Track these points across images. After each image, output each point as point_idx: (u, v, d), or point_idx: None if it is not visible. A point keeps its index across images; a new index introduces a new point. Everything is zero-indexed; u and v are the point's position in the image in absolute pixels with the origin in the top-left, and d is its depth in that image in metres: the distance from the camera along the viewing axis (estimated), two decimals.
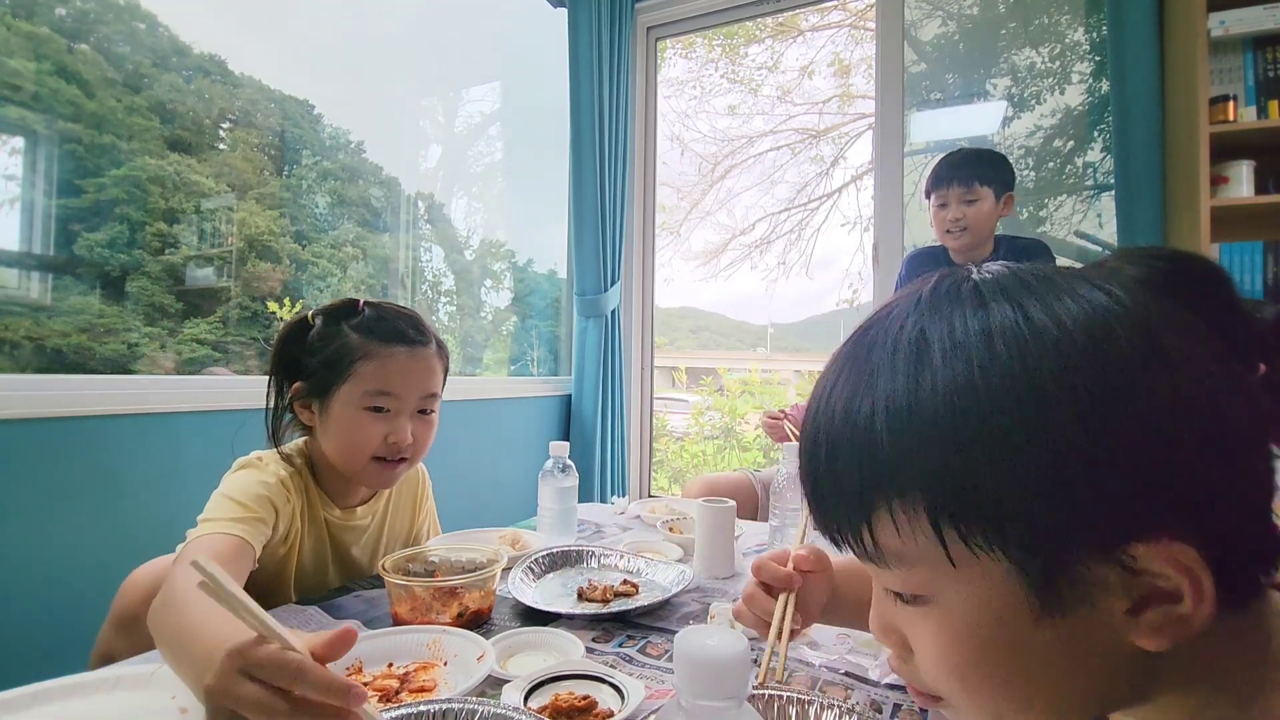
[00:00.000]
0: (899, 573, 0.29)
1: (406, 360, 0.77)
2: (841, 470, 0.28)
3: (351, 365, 0.75)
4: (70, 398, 1.02)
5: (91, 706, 0.51)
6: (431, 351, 0.80)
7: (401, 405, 0.77)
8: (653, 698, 0.53)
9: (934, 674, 0.29)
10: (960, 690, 0.29)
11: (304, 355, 0.78)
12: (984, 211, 1.42)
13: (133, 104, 1.36)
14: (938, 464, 0.25)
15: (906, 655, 0.31)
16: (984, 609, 0.26)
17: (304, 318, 0.80)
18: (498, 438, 1.94)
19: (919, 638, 0.30)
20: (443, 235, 2.29)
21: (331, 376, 0.76)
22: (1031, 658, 0.26)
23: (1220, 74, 1.47)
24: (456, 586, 0.67)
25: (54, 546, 1.00)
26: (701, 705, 0.31)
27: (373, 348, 0.76)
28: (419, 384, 0.79)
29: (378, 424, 0.76)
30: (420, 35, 2.13)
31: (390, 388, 0.76)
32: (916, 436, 0.26)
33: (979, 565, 0.26)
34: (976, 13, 2.01)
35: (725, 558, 0.88)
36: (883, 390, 0.27)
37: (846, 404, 0.28)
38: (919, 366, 0.26)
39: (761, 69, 3.68)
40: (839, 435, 0.28)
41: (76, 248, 1.28)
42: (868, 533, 0.28)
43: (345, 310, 0.79)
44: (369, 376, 0.75)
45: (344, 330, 0.77)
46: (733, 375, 3.83)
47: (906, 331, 0.28)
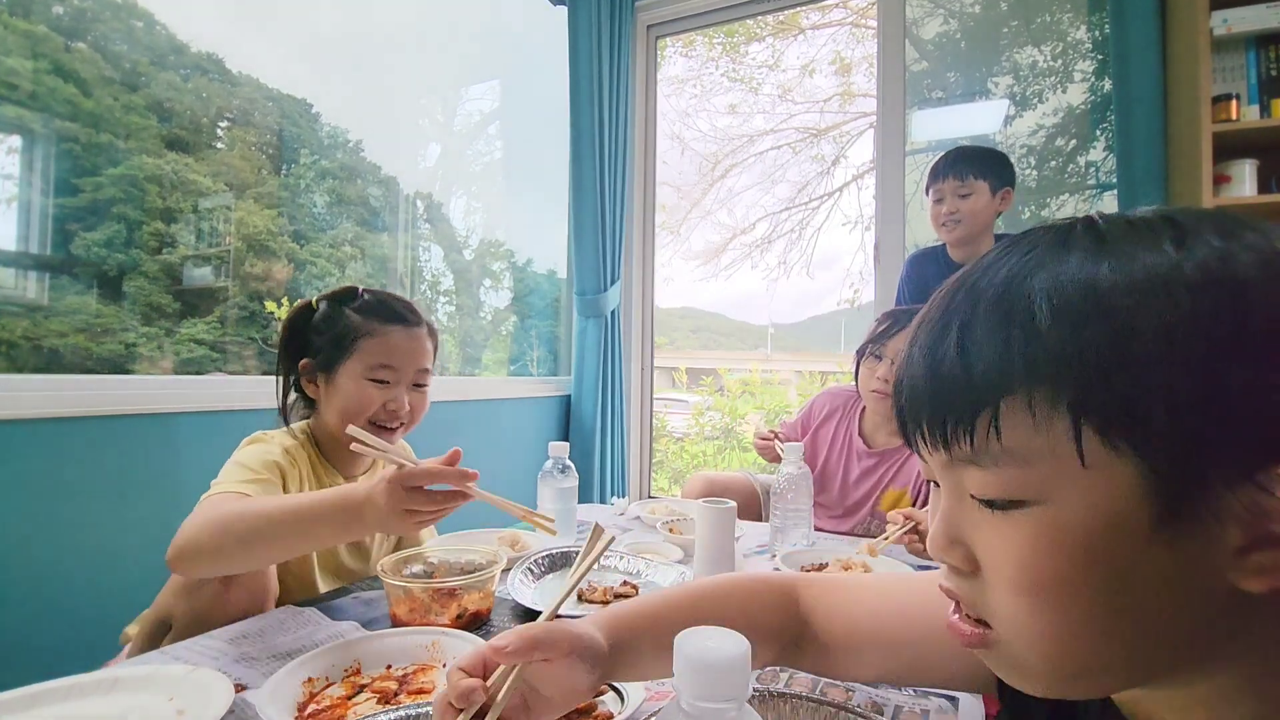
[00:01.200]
0: (1007, 472, 0.27)
1: (404, 338, 0.87)
2: (978, 352, 0.27)
3: (355, 342, 0.85)
4: (69, 398, 1.02)
5: (90, 707, 0.50)
6: (424, 332, 0.90)
7: (399, 377, 0.86)
8: (653, 699, 0.52)
9: (1010, 586, 0.28)
10: (1033, 608, 0.27)
11: (310, 335, 0.88)
12: (978, 205, 1.42)
13: (130, 103, 1.36)
14: (1095, 354, 0.24)
15: (968, 572, 0.30)
16: (1100, 514, 0.25)
17: (308, 303, 0.90)
18: (497, 438, 1.94)
19: (1000, 547, 0.28)
20: (442, 235, 2.29)
21: (337, 352, 0.85)
22: (1131, 577, 0.25)
23: (1223, 73, 1.47)
24: (455, 588, 0.67)
25: (54, 547, 0.99)
26: (702, 707, 0.31)
27: (374, 326, 0.86)
28: (414, 359, 0.88)
29: (379, 393, 0.85)
30: (419, 34, 2.13)
31: (390, 361, 0.85)
32: (1080, 322, 0.25)
33: (1109, 468, 0.25)
34: (978, 11, 2.00)
35: (725, 559, 0.88)
36: (1051, 269, 0.26)
37: (1006, 279, 0.27)
38: (1096, 252, 0.26)
39: (762, 67, 3.67)
40: (983, 313, 0.27)
41: (74, 247, 1.28)
42: (990, 424, 0.27)
43: (347, 295, 0.89)
44: (371, 351, 0.85)
45: (346, 313, 0.87)
46: (733, 375, 3.83)
47: (1080, 222, 0.27)
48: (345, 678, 0.56)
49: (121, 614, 1.07)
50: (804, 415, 1.41)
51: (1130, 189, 1.55)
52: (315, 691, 0.54)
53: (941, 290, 0.31)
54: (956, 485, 0.30)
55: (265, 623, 0.67)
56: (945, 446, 0.29)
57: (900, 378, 0.31)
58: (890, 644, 0.45)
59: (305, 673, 0.55)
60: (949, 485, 0.31)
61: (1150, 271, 0.25)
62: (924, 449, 0.31)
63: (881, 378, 1.21)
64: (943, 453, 0.29)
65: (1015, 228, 1.87)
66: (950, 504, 0.31)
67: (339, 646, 0.59)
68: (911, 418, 0.31)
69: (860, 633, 0.47)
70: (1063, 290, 0.26)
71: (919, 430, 0.30)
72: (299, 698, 0.53)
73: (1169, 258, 0.25)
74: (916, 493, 1.20)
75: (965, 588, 0.31)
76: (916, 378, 0.30)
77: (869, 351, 1.25)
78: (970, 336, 0.27)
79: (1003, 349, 0.26)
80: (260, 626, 0.66)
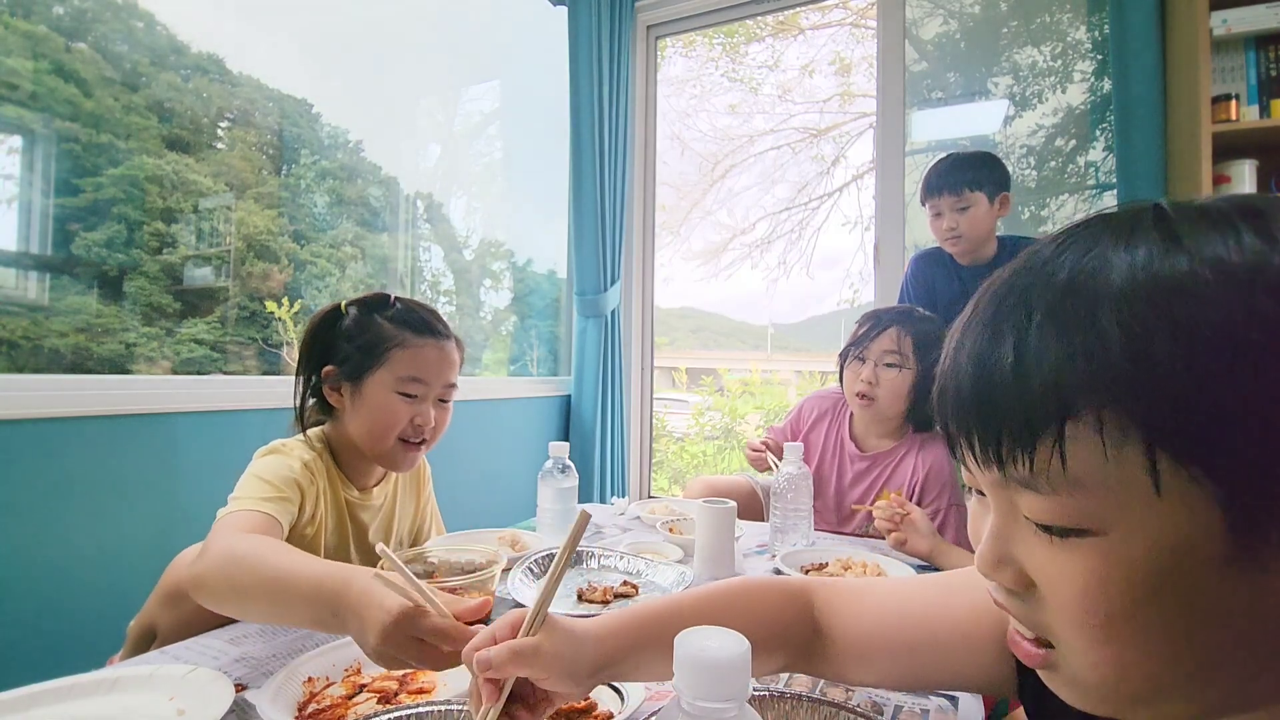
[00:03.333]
0: (1065, 499, 0.25)
1: (435, 351, 0.85)
2: (1037, 365, 0.24)
3: (386, 352, 0.82)
4: (69, 398, 1.02)
5: (90, 707, 0.50)
6: (453, 345, 0.89)
7: (428, 391, 0.84)
8: (653, 699, 0.52)
9: (1071, 617, 0.26)
10: (1096, 638, 0.26)
11: (338, 341, 0.84)
12: (978, 216, 1.41)
13: (130, 103, 1.36)
14: (1171, 371, 0.22)
15: (1023, 593, 0.29)
16: (1170, 546, 0.23)
17: (336, 306, 0.86)
18: (497, 438, 1.94)
19: (1059, 576, 0.26)
20: (442, 235, 2.29)
21: (366, 361, 0.82)
22: (1200, 609, 0.24)
23: (1222, 73, 1.47)
24: (456, 587, 0.67)
25: (54, 547, 0.99)
26: (702, 707, 0.31)
27: (406, 337, 0.83)
28: (443, 373, 0.86)
29: (406, 407, 0.83)
30: (419, 34, 2.13)
31: (421, 374, 0.83)
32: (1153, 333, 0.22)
33: (1183, 497, 0.23)
34: (978, 11, 2.00)
35: (725, 559, 0.88)
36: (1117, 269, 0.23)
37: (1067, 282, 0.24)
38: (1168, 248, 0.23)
39: (762, 68, 3.67)
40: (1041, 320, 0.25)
41: (74, 247, 1.28)
42: (1054, 448, 0.24)
43: (378, 302, 0.86)
44: (402, 363, 0.82)
45: (378, 321, 0.84)
46: (733, 375, 3.83)
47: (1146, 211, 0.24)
48: (345, 677, 0.56)
49: (121, 614, 1.07)
50: (793, 420, 1.39)
51: (1130, 189, 1.55)
52: (315, 691, 0.54)
53: (988, 288, 0.28)
54: (1008, 504, 0.28)
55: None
56: (999, 466, 0.27)
57: (944, 385, 0.29)
58: (907, 648, 0.44)
59: (305, 672, 0.55)
60: (999, 502, 0.29)
61: (1233, 272, 0.22)
62: (972, 463, 0.29)
63: (865, 380, 1.20)
64: (995, 471, 0.27)
65: (1015, 228, 1.87)
66: (1001, 522, 0.29)
67: (339, 646, 0.59)
68: (959, 429, 0.28)
69: (876, 637, 0.46)
70: (1132, 295, 0.23)
71: (968, 445, 0.28)
72: (299, 697, 0.53)
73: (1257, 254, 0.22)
74: (911, 496, 1.18)
75: (1019, 607, 0.29)
76: (964, 389, 0.27)
77: (852, 354, 1.24)
78: (1028, 347, 0.25)
79: (1066, 363, 0.24)
80: (260, 626, 0.66)
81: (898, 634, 0.45)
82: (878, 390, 1.18)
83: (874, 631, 0.46)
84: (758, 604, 0.47)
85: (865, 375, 1.19)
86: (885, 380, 1.18)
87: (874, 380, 1.19)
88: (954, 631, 0.42)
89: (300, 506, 0.76)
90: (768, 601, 0.47)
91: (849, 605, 0.47)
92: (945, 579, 0.46)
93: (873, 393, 1.19)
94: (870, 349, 1.20)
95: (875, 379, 1.19)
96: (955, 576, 0.45)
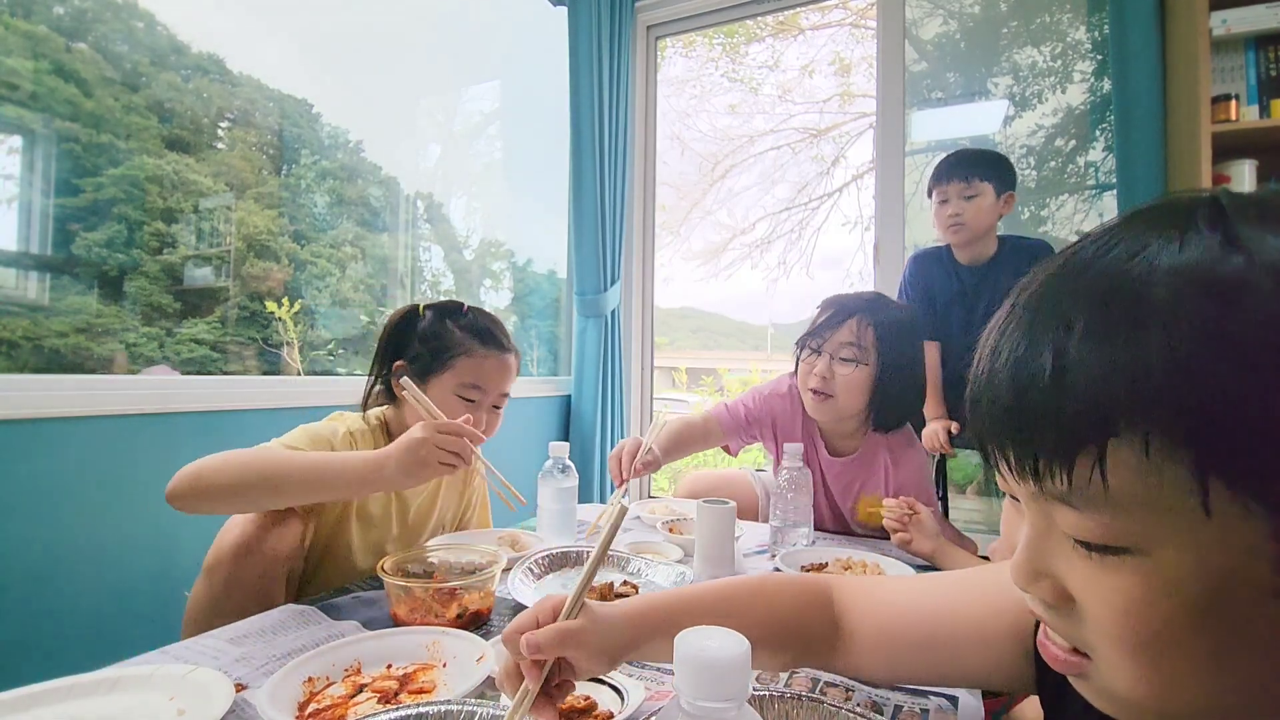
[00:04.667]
0: (1104, 517, 0.24)
1: (496, 362, 0.93)
2: (1078, 379, 0.23)
3: (453, 358, 0.90)
4: (69, 398, 1.02)
5: (90, 707, 0.50)
6: (513, 358, 0.96)
7: (484, 398, 0.93)
8: (653, 699, 0.52)
9: (1109, 636, 0.25)
10: (1137, 659, 0.25)
11: (412, 339, 0.92)
12: (983, 207, 1.43)
13: (131, 103, 1.36)
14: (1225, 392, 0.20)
15: (1061, 606, 0.28)
16: (1215, 570, 0.22)
17: (415, 308, 0.94)
18: (498, 437, 1.93)
19: (1098, 594, 0.25)
20: (442, 235, 2.29)
21: (434, 363, 0.90)
22: (1243, 634, 0.23)
23: (1222, 73, 1.47)
24: (456, 588, 0.67)
25: (54, 547, 0.99)
26: (702, 706, 0.31)
27: (473, 347, 0.91)
28: (501, 383, 0.94)
29: (463, 409, 0.89)
30: (420, 34, 2.13)
31: (481, 383, 0.91)
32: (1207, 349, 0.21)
33: (1232, 522, 0.22)
34: (978, 11, 2.00)
35: (725, 558, 0.88)
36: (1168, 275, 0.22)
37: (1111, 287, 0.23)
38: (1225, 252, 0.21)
39: (762, 68, 3.67)
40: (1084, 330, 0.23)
41: (74, 247, 1.28)
42: (1094, 466, 0.23)
43: (452, 310, 0.94)
44: (466, 371, 0.90)
45: (450, 327, 0.92)
46: (733, 375, 3.83)
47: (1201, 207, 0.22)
48: (346, 677, 0.56)
49: (121, 613, 1.07)
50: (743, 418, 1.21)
51: (1129, 189, 1.55)
52: (316, 691, 0.54)
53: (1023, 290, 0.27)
54: (1046, 517, 0.27)
55: (266, 622, 0.67)
56: (1035, 480, 0.26)
57: (978, 394, 0.28)
58: (924, 644, 0.45)
59: (306, 672, 0.55)
60: (1036, 515, 0.28)
61: None
62: (1007, 474, 0.28)
63: (819, 375, 1.07)
64: (1031, 484, 0.26)
65: (1014, 228, 1.87)
66: (1037, 534, 0.28)
67: (339, 646, 0.59)
68: (993, 442, 0.27)
69: (893, 632, 0.46)
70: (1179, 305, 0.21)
71: (1002, 457, 0.27)
72: (299, 697, 0.53)
73: None
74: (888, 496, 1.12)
75: (1056, 619, 0.28)
76: (1000, 400, 0.26)
77: (808, 344, 1.10)
78: (1068, 359, 0.24)
79: (1109, 379, 0.22)
80: (261, 626, 0.66)
81: (915, 629, 0.45)
82: (834, 386, 1.06)
83: (892, 627, 0.46)
84: (777, 598, 0.48)
85: (819, 370, 1.07)
86: (841, 376, 1.05)
87: (828, 375, 1.06)
88: (971, 628, 0.42)
89: None
90: (787, 595, 0.48)
91: (867, 601, 0.48)
92: (962, 577, 0.46)
93: (828, 388, 1.06)
94: (828, 340, 1.08)
95: (830, 373, 1.06)
96: (972, 575, 0.46)
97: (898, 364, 1.07)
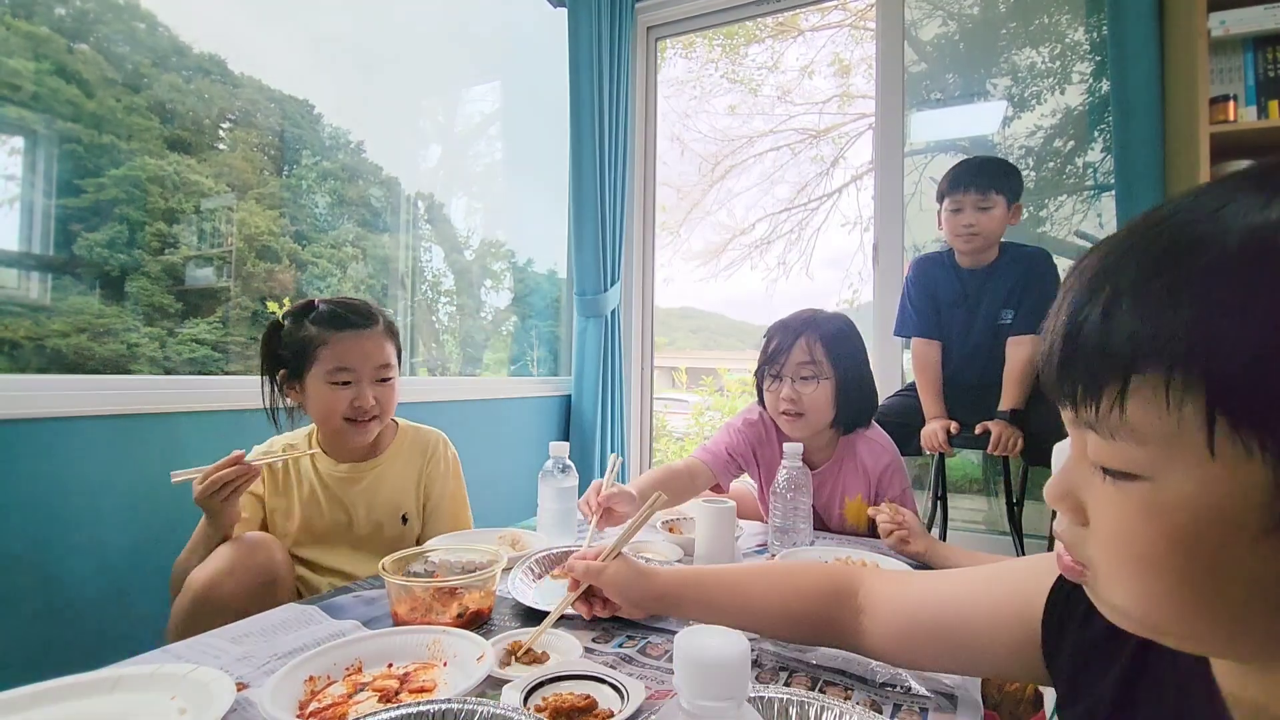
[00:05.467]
0: (1124, 446, 0.27)
1: (355, 341, 0.96)
2: (1119, 322, 0.26)
3: (314, 351, 0.95)
4: (70, 398, 1.02)
5: (91, 707, 0.51)
6: (379, 330, 0.99)
7: (359, 376, 0.96)
8: (653, 698, 0.52)
9: (1110, 549, 0.29)
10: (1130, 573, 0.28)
11: (281, 349, 0.97)
12: (996, 218, 1.46)
13: (132, 104, 1.36)
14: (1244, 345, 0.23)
15: (1078, 523, 0.31)
16: (1213, 508, 0.25)
17: (276, 321, 0.99)
18: (498, 438, 1.94)
19: (1107, 512, 0.29)
20: (443, 235, 2.29)
21: (302, 363, 0.95)
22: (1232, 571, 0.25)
23: (1220, 74, 1.47)
24: (456, 587, 0.67)
25: (55, 546, 1.00)
26: (702, 705, 0.31)
27: (328, 335, 0.95)
28: (370, 357, 0.97)
29: (343, 393, 0.95)
30: (420, 35, 2.13)
31: (346, 364, 0.95)
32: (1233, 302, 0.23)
33: (1234, 465, 0.24)
34: (977, 12, 2.00)
35: (725, 558, 0.88)
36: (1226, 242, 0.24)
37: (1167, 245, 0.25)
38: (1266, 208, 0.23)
39: (761, 69, 3.68)
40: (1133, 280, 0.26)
41: (76, 248, 1.28)
42: (1116, 398, 0.26)
43: (305, 310, 0.98)
44: (328, 358, 0.95)
45: (306, 325, 0.96)
46: (733, 375, 3.83)
47: None
48: (347, 676, 0.57)
49: (121, 614, 1.07)
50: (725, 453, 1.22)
51: (1128, 190, 1.56)
52: (317, 690, 0.54)
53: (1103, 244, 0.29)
54: (1081, 444, 0.30)
55: (267, 621, 0.67)
56: (1073, 407, 0.29)
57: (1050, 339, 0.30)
58: (942, 630, 0.49)
59: (307, 671, 0.55)
60: (1076, 442, 0.31)
61: None
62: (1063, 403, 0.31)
63: (787, 399, 1.11)
64: (1070, 411, 0.30)
65: (1013, 228, 1.87)
66: (1072, 460, 0.32)
67: (340, 645, 0.59)
68: (1046, 370, 0.30)
69: (914, 619, 0.51)
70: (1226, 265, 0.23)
71: (1056, 386, 0.30)
72: (300, 696, 0.53)
73: None
74: (871, 497, 1.14)
75: (1071, 535, 0.32)
76: (1056, 336, 0.29)
77: (767, 373, 1.16)
78: (1117, 305, 0.26)
79: (1142, 322, 0.25)
80: (262, 625, 0.67)
81: (935, 617, 0.50)
82: (802, 405, 1.11)
83: (913, 614, 0.51)
84: (802, 580, 0.57)
85: (785, 394, 1.11)
86: (806, 394, 1.10)
87: (795, 397, 1.11)
88: (985, 618, 0.46)
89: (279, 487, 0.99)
90: (813, 576, 0.57)
91: (891, 590, 0.54)
92: (979, 573, 0.50)
93: (798, 408, 1.11)
94: (785, 365, 1.12)
95: (796, 395, 1.11)
96: (988, 569, 0.50)
97: (850, 369, 1.13)
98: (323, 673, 0.56)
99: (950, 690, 0.56)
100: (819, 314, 1.18)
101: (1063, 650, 0.41)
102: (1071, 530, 0.32)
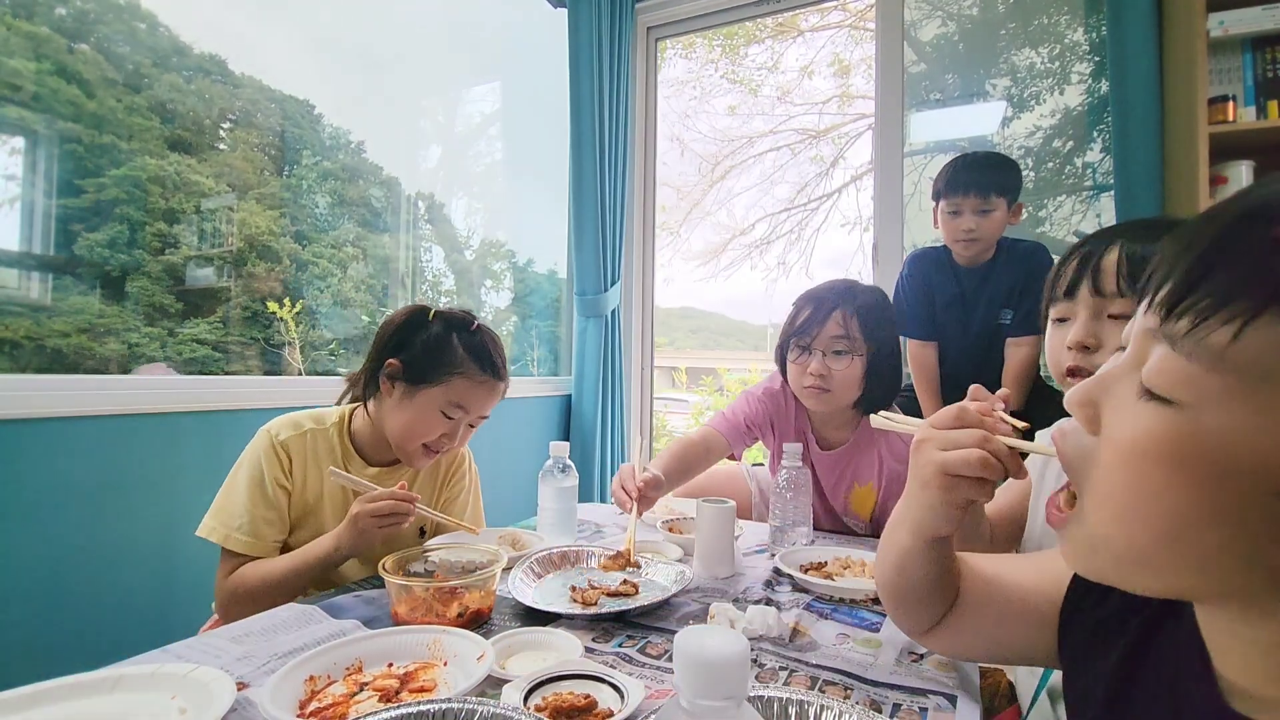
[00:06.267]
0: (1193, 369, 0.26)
1: (488, 389, 0.93)
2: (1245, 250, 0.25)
3: (450, 375, 0.90)
4: (70, 398, 1.02)
5: (92, 706, 0.51)
6: (503, 386, 0.96)
7: (465, 418, 0.93)
8: (653, 698, 0.53)
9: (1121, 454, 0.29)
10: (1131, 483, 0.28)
11: (414, 343, 0.91)
12: (996, 221, 1.43)
13: (133, 104, 1.36)
14: None
15: (1090, 432, 0.31)
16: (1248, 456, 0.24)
17: (424, 310, 0.93)
18: (498, 437, 1.94)
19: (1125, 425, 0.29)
20: (443, 235, 2.29)
21: (430, 374, 0.90)
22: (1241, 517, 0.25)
23: (1219, 74, 1.47)
24: (456, 587, 0.68)
25: (54, 547, 1.00)
26: (702, 705, 0.31)
27: (471, 369, 0.91)
28: (486, 408, 0.95)
29: (445, 425, 0.91)
30: (421, 35, 2.13)
31: (468, 403, 0.92)
32: None
33: None
34: (976, 13, 2.01)
35: (725, 558, 0.88)
36: None
37: None
38: None
39: (761, 69, 3.68)
40: None
41: (76, 248, 1.28)
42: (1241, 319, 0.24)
43: (461, 323, 0.93)
44: (459, 391, 0.90)
45: (454, 342, 0.91)
46: (733, 375, 3.83)
47: None
48: (347, 676, 0.57)
49: (121, 614, 1.07)
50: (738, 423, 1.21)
51: (1127, 190, 1.56)
52: (317, 689, 0.54)
53: None
54: (1138, 358, 0.29)
55: (267, 621, 0.68)
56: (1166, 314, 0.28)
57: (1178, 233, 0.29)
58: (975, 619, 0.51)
59: (307, 671, 0.55)
60: (1133, 355, 0.30)
61: None
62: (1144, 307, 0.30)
63: (814, 374, 1.05)
64: (1156, 318, 0.28)
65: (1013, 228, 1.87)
66: (1114, 374, 0.31)
67: (341, 645, 0.59)
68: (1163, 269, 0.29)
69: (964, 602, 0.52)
70: None
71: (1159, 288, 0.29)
72: (301, 696, 0.53)
73: None
74: (881, 485, 1.12)
75: (1073, 446, 0.32)
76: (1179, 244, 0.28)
77: (794, 344, 1.09)
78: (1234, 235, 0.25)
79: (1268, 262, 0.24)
80: (262, 625, 0.67)
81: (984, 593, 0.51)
82: (831, 381, 1.05)
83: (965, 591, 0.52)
84: None
85: (814, 368, 1.05)
86: (837, 371, 1.05)
87: (824, 372, 1.05)
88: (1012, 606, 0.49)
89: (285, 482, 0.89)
90: None
91: None
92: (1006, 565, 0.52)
93: (826, 384, 1.06)
94: (816, 337, 1.06)
95: (826, 370, 1.05)
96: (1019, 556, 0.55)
97: (883, 346, 1.08)
98: (323, 672, 0.56)
99: (950, 690, 0.56)
100: (855, 285, 1.10)
101: (1074, 629, 0.42)
102: (1075, 439, 0.32)
